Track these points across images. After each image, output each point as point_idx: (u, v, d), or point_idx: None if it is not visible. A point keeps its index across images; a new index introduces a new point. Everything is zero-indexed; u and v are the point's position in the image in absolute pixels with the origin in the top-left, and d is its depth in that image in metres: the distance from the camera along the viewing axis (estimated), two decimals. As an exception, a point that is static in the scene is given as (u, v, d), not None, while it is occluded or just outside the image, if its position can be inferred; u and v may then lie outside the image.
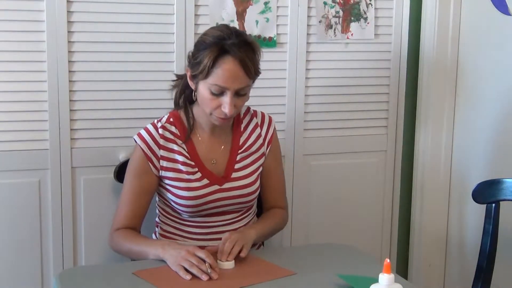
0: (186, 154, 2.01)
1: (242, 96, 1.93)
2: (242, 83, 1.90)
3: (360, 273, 1.76)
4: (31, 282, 2.35)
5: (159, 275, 1.75)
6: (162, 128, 2.01)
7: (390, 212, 2.80)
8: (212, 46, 1.88)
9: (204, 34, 1.96)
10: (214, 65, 1.87)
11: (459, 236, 2.76)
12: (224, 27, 1.96)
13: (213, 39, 1.89)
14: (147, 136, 2.00)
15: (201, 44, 1.92)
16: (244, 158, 2.07)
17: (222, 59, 1.87)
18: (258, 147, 2.10)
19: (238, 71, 1.88)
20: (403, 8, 2.66)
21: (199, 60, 1.90)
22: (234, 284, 1.71)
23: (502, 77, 2.50)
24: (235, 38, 1.89)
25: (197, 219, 2.04)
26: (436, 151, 2.75)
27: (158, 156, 1.99)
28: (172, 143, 2.01)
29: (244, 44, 1.90)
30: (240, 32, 1.94)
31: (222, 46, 1.87)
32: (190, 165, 2.01)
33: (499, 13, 2.48)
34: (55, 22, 2.23)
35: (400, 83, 2.70)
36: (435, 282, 2.84)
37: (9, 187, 2.27)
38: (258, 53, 1.95)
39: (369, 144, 2.72)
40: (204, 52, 1.89)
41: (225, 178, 2.03)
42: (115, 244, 2.01)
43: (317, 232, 2.67)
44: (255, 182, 2.08)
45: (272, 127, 2.14)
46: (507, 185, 2.12)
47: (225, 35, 1.89)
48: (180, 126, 2.03)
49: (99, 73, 2.32)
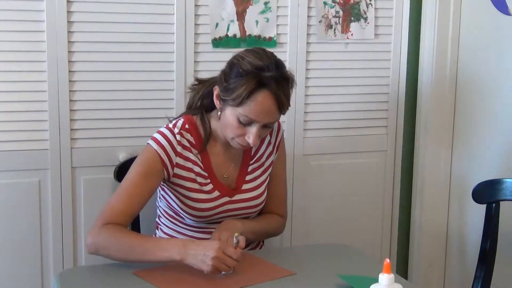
0: (201, 164, 1.97)
1: (268, 128, 1.90)
2: (273, 118, 1.87)
3: (360, 273, 1.76)
4: (31, 282, 2.35)
5: (159, 275, 1.75)
6: (180, 135, 1.95)
7: (390, 212, 2.80)
8: (250, 76, 1.81)
9: (242, 57, 1.86)
10: (249, 97, 1.80)
11: (459, 236, 2.76)
12: (264, 55, 1.86)
13: (252, 68, 1.81)
14: (165, 142, 1.93)
15: (237, 69, 1.84)
16: (255, 169, 2.06)
17: (258, 92, 1.80)
18: (268, 155, 2.09)
19: (272, 107, 1.82)
20: (403, 8, 2.66)
21: (233, 87, 1.82)
22: (234, 284, 1.71)
23: (502, 76, 2.50)
24: (274, 70, 1.82)
25: (201, 225, 2.03)
26: (436, 151, 2.75)
27: (173, 163, 1.94)
28: (188, 152, 1.96)
29: (283, 79, 1.84)
30: (279, 64, 1.86)
31: (260, 79, 1.80)
32: (203, 176, 1.98)
33: (499, 13, 2.48)
34: (55, 22, 2.23)
35: (400, 83, 2.70)
36: (435, 282, 2.84)
37: (9, 187, 2.27)
38: (293, 88, 1.90)
39: (369, 144, 2.72)
40: (240, 81, 1.81)
41: (235, 190, 2.02)
42: (103, 239, 1.81)
43: (317, 232, 2.67)
44: (264, 193, 2.06)
45: (280, 133, 2.12)
46: (507, 185, 2.13)
47: (265, 65, 1.81)
48: (195, 134, 1.98)
49: (99, 73, 2.32)
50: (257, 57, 1.84)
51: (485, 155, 2.60)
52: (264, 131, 1.90)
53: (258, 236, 2.07)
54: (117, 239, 1.81)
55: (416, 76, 2.75)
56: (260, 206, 2.06)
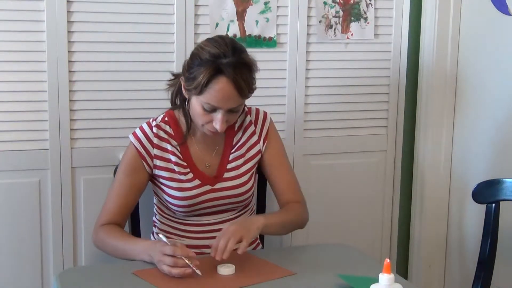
0: (179, 155, 2.01)
1: (234, 113, 1.93)
2: (235, 103, 1.89)
3: (360, 273, 1.76)
4: (31, 282, 2.35)
5: (159, 275, 1.75)
6: (157, 127, 2.01)
7: (390, 212, 2.80)
8: (207, 64, 1.84)
9: (201, 47, 1.91)
10: (208, 84, 1.84)
11: (459, 236, 2.76)
12: (222, 42, 1.89)
13: (209, 56, 1.85)
14: (141, 135, 2.00)
15: (196, 58, 1.88)
16: (237, 158, 2.07)
17: (216, 79, 1.84)
18: (252, 144, 2.09)
19: (231, 92, 1.85)
20: (403, 8, 2.66)
21: (193, 76, 1.86)
22: (234, 284, 1.71)
23: (502, 77, 2.50)
24: (231, 56, 1.84)
25: (192, 218, 2.04)
26: (436, 151, 2.75)
27: (152, 155, 1.99)
28: (166, 143, 2.01)
29: (240, 64, 1.86)
30: (237, 49, 1.88)
31: (217, 66, 1.83)
32: (182, 165, 2.01)
33: (499, 13, 2.48)
34: (55, 22, 2.23)
35: (400, 83, 2.70)
36: (435, 282, 2.84)
37: (9, 187, 2.28)
38: (254, 72, 1.91)
39: (369, 144, 2.72)
40: (199, 69, 1.85)
41: (216, 178, 2.03)
42: (100, 240, 1.97)
43: (317, 232, 2.66)
44: (248, 181, 2.07)
45: (267, 122, 2.12)
46: (507, 185, 2.12)
47: (222, 52, 1.84)
48: (174, 126, 2.02)
49: (99, 73, 2.32)
50: (215, 45, 1.87)
51: (485, 155, 2.60)
52: (232, 116, 1.93)
53: (285, 227, 2.06)
54: (107, 242, 1.95)
55: (416, 76, 2.75)
56: (246, 195, 2.06)
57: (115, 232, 1.96)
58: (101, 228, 1.98)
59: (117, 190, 2.00)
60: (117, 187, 2.01)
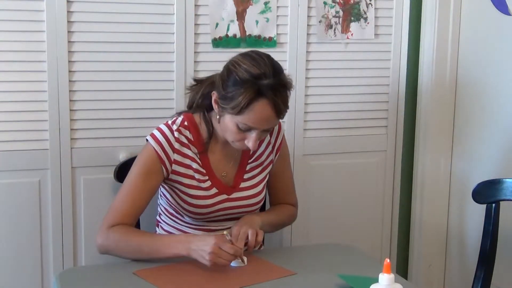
0: (199, 161, 1.98)
1: (267, 132, 1.92)
2: (271, 124, 1.88)
3: (360, 273, 1.76)
4: (31, 282, 2.35)
5: (159, 275, 1.75)
6: (178, 132, 1.96)
7: (390, 212, 2.80)
8: (247, 85, 1.80)
9: (237, 63, 1.84)
10: (247, 107, 1.80)
11: (459, 236, 2.76)
12: (261, 61, 1.84)
13: (249, 77, 1.80)
14: (162, 138, 1.95)
15: (235, 77, 1.82)
16: (254, 168, 2.07)
17: (257, 102, 1.80)
18: (267, 155, 2.10)
19: (270, 114, 1.83)
20: (403, 8, 2.66)
21: (231, 96, 1.82)
22: (234, 284, 1.71)
23: (502, 76, 2.50)
24: (272, 77, 1.81)
25: (199, 223, 2.04)
26: (436, 151, 2.75)
27: (171, 160, 1.95)
28: (186, 149, 1.97)
29: (280, 86, 1.83)
30: (276, 69, 1.85)
31: (257, 88, 1.79)
32: (201, 173, 1.98)
33: (499, 13, 2.48)
34: (55, 22, 2.23)
35: (400, 83, 2.70)
36: (435, 282, 2.84)
37: (9, 187, 2.27)
38: (290, 92, 1.89)
39: (369, 144, 2.72)
40: (239, 90, 1.80)
41: (233, 188, 2.03)
42: (114, 241, 1.87)
43: (317, 232, 2.67)
44: (262, 192, 2.08)
45: (281, 134, 2.13)
46: (507, 185, 2.13)
47: (262, 73, 1.80)
48: (195, 132, 1.98)
49: (99, 73, 2.32)
50: (253, 64, 1.83)
51: (485, 155, 2.60)
52: (265, 134, 1.93)
53: (275, 227, 2.13)
54: (125, 241, 1.86)
55: (416, 76, 2.75)
56: (258, 205, 2.07)
57: (134, 231, 1.91)
58: (112, 229, 1.88)
59: (131, 191, 1.92)
60: (131, 187, 1.93)
